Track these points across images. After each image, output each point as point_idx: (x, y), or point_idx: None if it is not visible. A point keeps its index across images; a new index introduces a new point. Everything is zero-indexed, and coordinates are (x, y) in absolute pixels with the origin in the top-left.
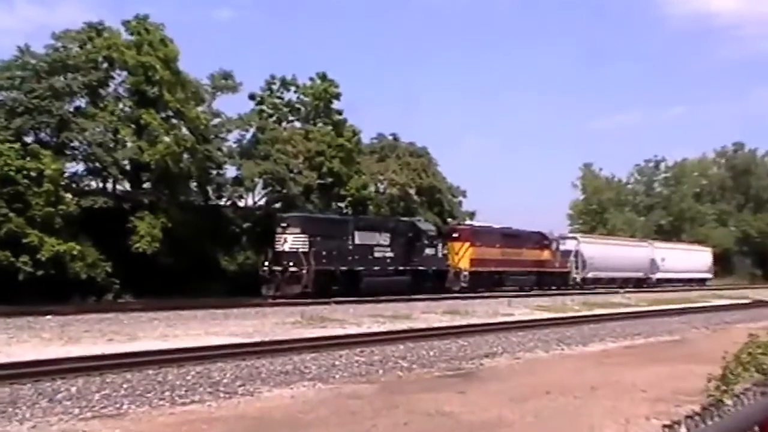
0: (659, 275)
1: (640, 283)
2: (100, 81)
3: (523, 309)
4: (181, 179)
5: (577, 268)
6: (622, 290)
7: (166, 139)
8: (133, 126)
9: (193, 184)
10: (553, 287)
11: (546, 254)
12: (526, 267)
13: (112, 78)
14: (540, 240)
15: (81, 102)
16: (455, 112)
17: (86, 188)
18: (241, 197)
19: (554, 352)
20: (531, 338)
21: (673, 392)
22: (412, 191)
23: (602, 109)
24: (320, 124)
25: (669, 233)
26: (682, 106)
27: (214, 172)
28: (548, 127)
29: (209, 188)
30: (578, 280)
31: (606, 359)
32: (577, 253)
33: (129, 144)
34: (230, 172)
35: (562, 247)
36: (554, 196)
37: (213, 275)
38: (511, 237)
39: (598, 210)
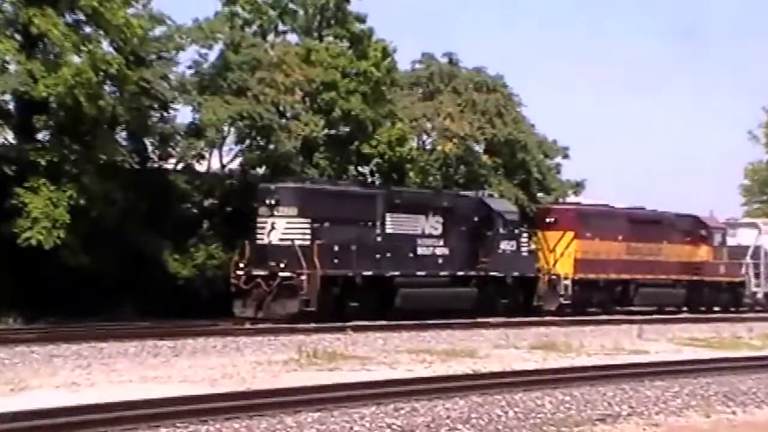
0: None
1: None
2: None
3: (663, 343)
4: (100, 127)
5: (757, 276)
6: None
7: (76, 59)
8: (18, 37)
9: (122, 135)
10: (716, 307)
11: (703, 252)
12: (669, 273)
13: None
14: (693, 229)
15: None
16: (543, 26)
17: None
18: (200, 157)
19: (719, 415)
20: (678, 392)
21: None
22: (479, 148)
23: None
24: (330, 39)
25: None
26: None
27: (157, 115)
28: (703, 43)
29: (148, 142)
30: (759, 295)
31: None
32: (757, 251)
33: (12, 68)
34: (183, 115)
35: (731, 241)
36: (716, 156)
37: (155, 284)
38: (643, 224)
39: None
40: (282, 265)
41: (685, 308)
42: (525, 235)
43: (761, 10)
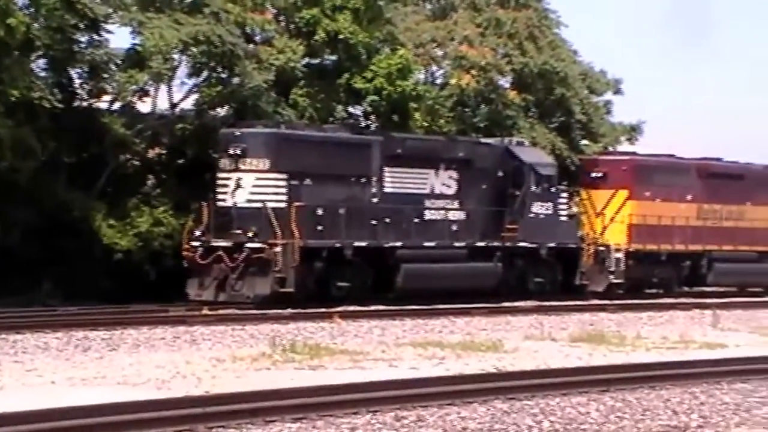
0: None
1: None
2: None
3: (745, 334)
4: (10, 53)
5: None
6: None
7: None
8: None
9: (39, 64)
10: None
11: None
12: (755, 244)
13: None
14: None
15: None
16: None
17: None
18: (143, 94)
19: None
20: (765, 397)
21: None
22: (504, 82)
23: None
24: None
25: None
26: None
27: (84, 39)
28: None
29: (74, 73)
30: None
31: None
32: None
33: None
34: (119, 38)
35: None
36: None
37: (83, 258)
38: (720, 180)
39: None
40: (250, 234)
41: None
42: (564, 194)
43: None
